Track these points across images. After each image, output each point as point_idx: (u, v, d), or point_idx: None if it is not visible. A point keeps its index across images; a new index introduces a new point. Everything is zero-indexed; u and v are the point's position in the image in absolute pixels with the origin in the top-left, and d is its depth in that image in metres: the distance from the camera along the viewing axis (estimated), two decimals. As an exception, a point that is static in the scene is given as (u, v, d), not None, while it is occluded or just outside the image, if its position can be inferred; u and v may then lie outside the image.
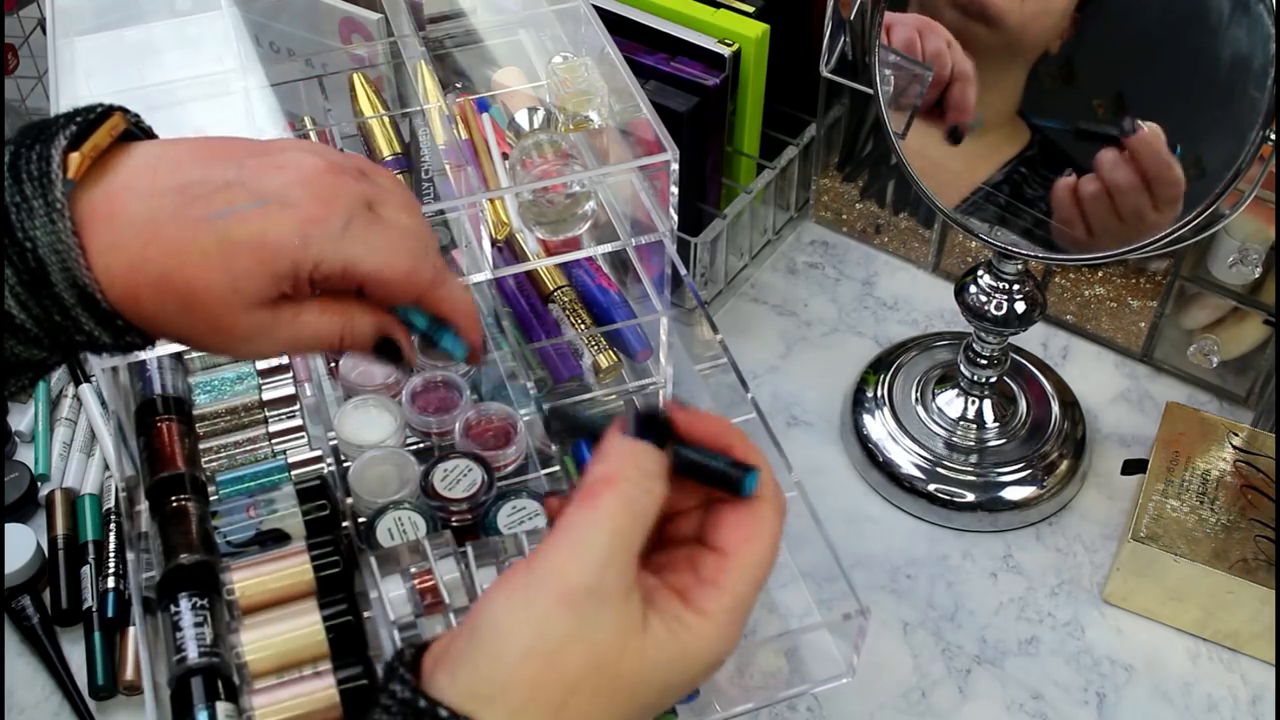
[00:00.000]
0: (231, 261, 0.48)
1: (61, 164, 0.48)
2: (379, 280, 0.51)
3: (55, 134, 0.48)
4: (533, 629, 0.42)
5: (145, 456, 0.71)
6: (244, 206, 0.48)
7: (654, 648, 0.43)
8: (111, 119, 0.50)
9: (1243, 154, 0.70)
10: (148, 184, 0.49)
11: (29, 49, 1.15)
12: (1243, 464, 0.88)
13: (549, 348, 0.82)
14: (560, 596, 0.42)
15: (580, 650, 0.42)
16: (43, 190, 0.47)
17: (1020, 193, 0.81)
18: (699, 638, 0.44)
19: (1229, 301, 0.97)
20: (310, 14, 0.96)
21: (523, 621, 0.42)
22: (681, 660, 0.44)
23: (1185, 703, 0.84)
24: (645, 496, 0.44)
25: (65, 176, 0.48)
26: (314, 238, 0.49)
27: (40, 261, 0.47)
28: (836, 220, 1.15)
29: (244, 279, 0.48)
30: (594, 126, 0.79)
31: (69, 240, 0.47)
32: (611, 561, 0.43)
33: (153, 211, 0.48)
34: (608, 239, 0.77)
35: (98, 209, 0.48)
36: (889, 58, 0.80)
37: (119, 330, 0.50)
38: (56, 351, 0.51)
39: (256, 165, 0.50)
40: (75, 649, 0.85)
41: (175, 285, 0.48)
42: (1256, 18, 0.68)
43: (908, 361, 1.01)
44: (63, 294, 0.48)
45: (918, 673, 0.85)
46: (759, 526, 0.46)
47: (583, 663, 0.42)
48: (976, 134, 0.81)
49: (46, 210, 0.47)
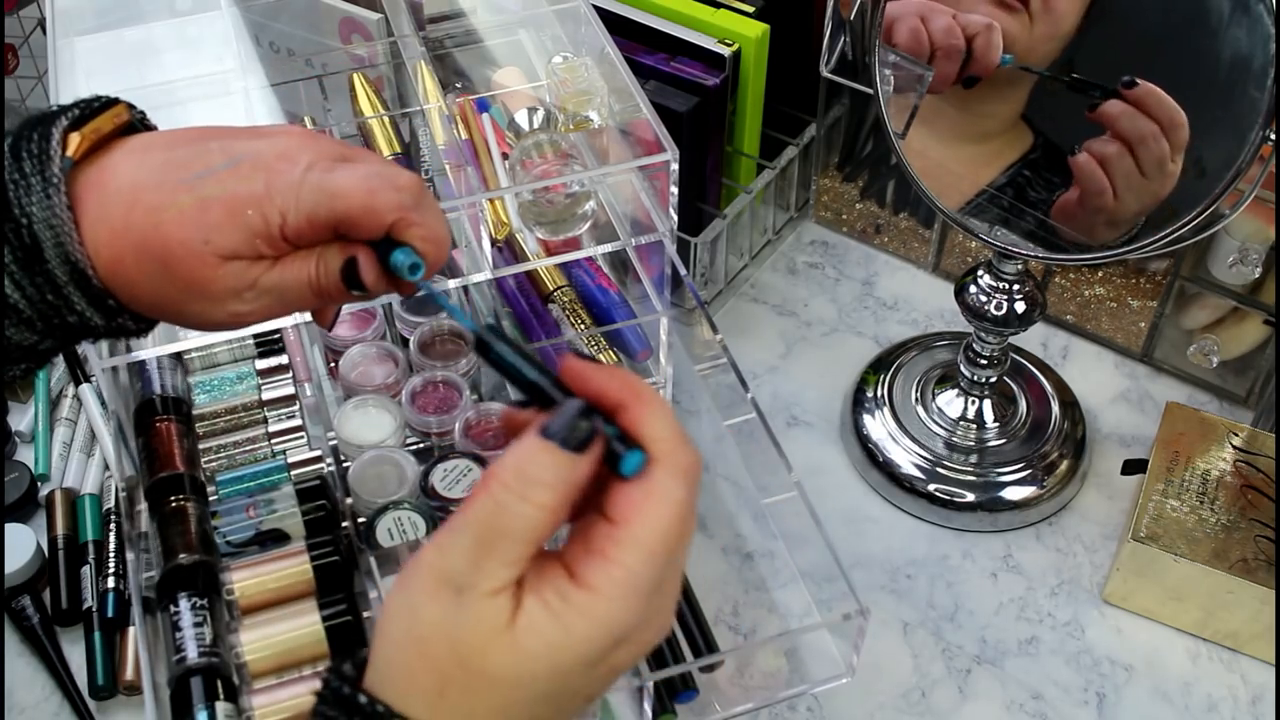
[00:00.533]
0: (204, 216, 0.48)
1: (61, 143, 0.48)
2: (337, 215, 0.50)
3: (58, 116, 0.49)
4: (407, 615, 0.42)
5: (145, 456, 0.71)
6: (219, 166, 0.49)
7: (529, 636, 0.41)
8: (116, 108, 0.51)
9: (1243, 154, 0.70)
10: (138, 159, 0.50)
11: (29, 49, 1.15)
12: (1243, 464, 0.88)
13: (549, 348, 0.82)
14: (428, 587, 0.42)
15: (445, 642, 0.41)
16: (41, 167, 0.48)
17: (1024, 195, 0.81)
18: (584, 615, 0.41)
19: (1229, 301, 0.97)
20: (310, 14, 0.96)
21: (401, 606, 0.42)
22: (566, 642, 0.41)
23: (1185, 703, 0.84)
24: (519, 504, 0.41)
25: (64, 154, 0.48)
26: (276, 186, 0.49)
27: (35, 238, 0.48)
28: (836, 220, 1.15)
29: (215, 232, 0.48)
30: (594, 126, 0.79)
31: (63, 214, 0.48)
32: (476, 562, 0.41)
33: (137, 180, 0.49)
34: (608, 239, 0.77)
35: (90, 185, 0.49)
36: (889, 57, 0.80)
37: (110, 311, 0.50)
38: (49, 336, 0.51)
39: (239, 136, 0.51)
40: (75, 649, 0.85)
41: (153, 246, 0.48)
42: (1256, 18, 0.68)
43: (908, 361, 1.01)
44: (55, 271, 0.48)
45: (918, 673, 0.85)
46: (652, 491, 0.43)
47: (448, 655, 0.41)
48: (980, 139, 0.81)
49: (43, 186, 0.48)
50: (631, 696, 0.68)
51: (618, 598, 0.41)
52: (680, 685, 0.69)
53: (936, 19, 0.77)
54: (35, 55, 1.15)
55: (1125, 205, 0.76)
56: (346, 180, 0.49)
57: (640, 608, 0.42)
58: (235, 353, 0.81)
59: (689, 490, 0.44)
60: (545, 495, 0.41)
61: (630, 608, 0.42)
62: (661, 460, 0.43)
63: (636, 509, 0.42)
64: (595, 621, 0.41)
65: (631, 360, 0.83)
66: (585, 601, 0.41)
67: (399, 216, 0.50)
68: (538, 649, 0.41)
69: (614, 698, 0.71)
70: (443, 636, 0.41)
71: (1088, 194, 0.77)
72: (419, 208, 0.50)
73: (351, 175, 0.49)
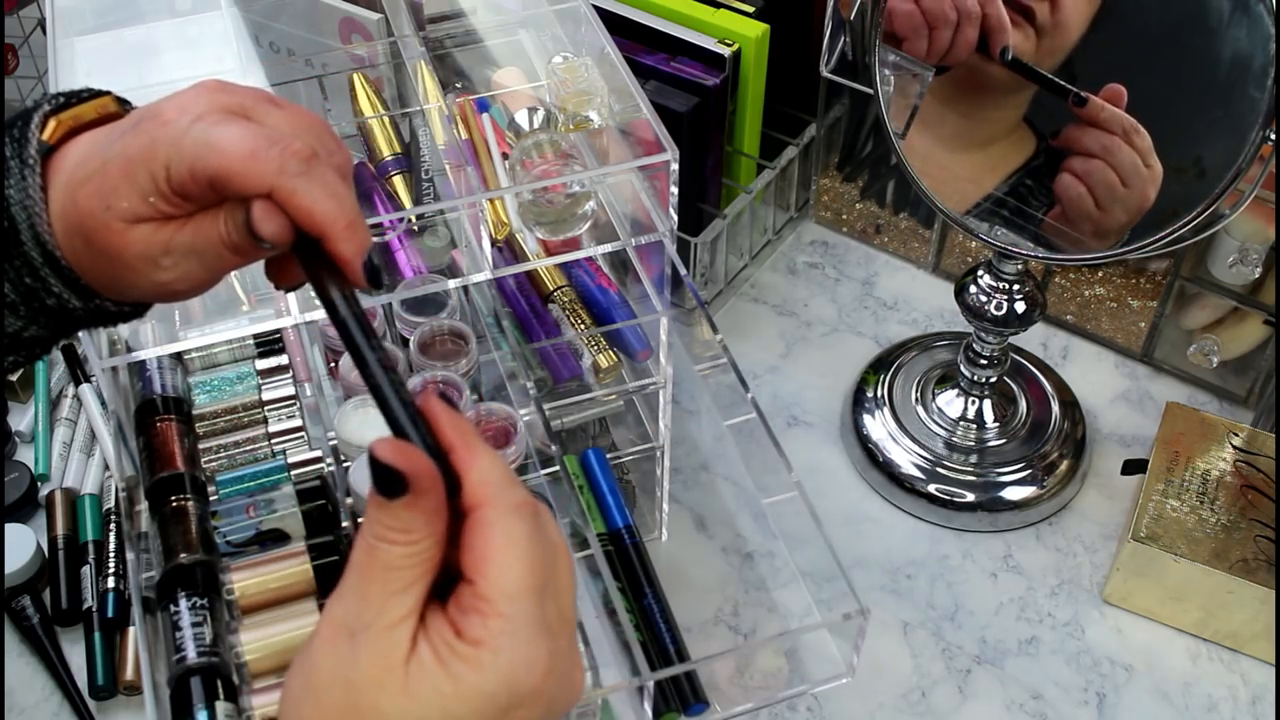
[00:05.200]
0: (103, 182, 0.47)
1: (40, 126, 0.48)
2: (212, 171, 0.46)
3: (42, 103, 0.49)
4: (305, 669, 0.42)
5: (145, 456, 0.71)
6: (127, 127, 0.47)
7: (420, 678, 0.41)
8: (102, 99, 0.51)
9: (1243, 154, 0.70)
10: (90, 138, 0.49)
11: (29, 49, 1.15)
12: (1243, 464, 0.88)
13: (549, 348, 0.82)
14: (325, 634, 0.42)
15: (340, 687, 0.41)
16: (19, 150, 0.48)
17: (1026, 200, 0.81)
18: (471, 666, 0.41)
19: (1229, 301, 0.97)
20: (310, 14, 0.96)
21: (301, 661, 0.43)
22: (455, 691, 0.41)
23: (1185, 703, 0.84)
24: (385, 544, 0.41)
25: (40, 138, 0.48)
26: (160, 140, 0.46)
27: (12, 220, 0.48)
28: (836, 220, 1.15)
29: (112, 195, 0.47)
30: (594, 126, 0.79)
31: (35, 195, 0.48)
32: (364, 598, 0.41)
33: (78, 158, 0.48)
34: (608, 239, 0.77)
35: (53, 168, 0.49)
36: (889, 57, 0.80)
37: (84, 292, 0.50)
38: (33, 321, 0.50)
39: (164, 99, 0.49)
40: (75, 649, 0.85)
41: (73, 220, 0.48)
42: (1256, 18, 0.68)
43: (908, 361, 1.01)
44: (31, 253, 0.48)
45: (918, 673, 0.85)
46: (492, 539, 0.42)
47: (342, 699, 0.41)
48: (982, 144, 0.81)
49: (20, 168, 0.48)
50: (632, 696, 0.68)
51: (502, 647, 0.41)
52: (692, 697, 0.69)
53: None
54: (35, 55, 1.15)
55: (1112, 216, 0.77)
56: (229, 135, 0.45)
57: (528, 653, 0.42)
58: (235, 353, 0.81)
59: (529, 523, 0.43)
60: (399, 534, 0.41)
61: (517, 654, 0.41)
62: (489, 503, 0.42)
63: (484, 560, 0.42)
64: (482, 671, 0.41)
65: (632, 360, 0.83)
66: (470, 653, 0.41)
67: (277, 184, 0.45)
68: (428, 694, 0.41)
69: (614, 698, 0.71)
70: (339, 681, 0.41)
71: (1071, 211, 0.78)
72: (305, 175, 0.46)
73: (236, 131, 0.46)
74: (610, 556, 0.74)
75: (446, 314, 0.83)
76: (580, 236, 0.76)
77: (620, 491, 0.78)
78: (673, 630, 0.72)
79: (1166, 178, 0.75)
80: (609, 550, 0.74)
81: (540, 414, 0.74)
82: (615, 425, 0.87)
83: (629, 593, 0.73)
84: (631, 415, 0.86)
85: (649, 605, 0.72)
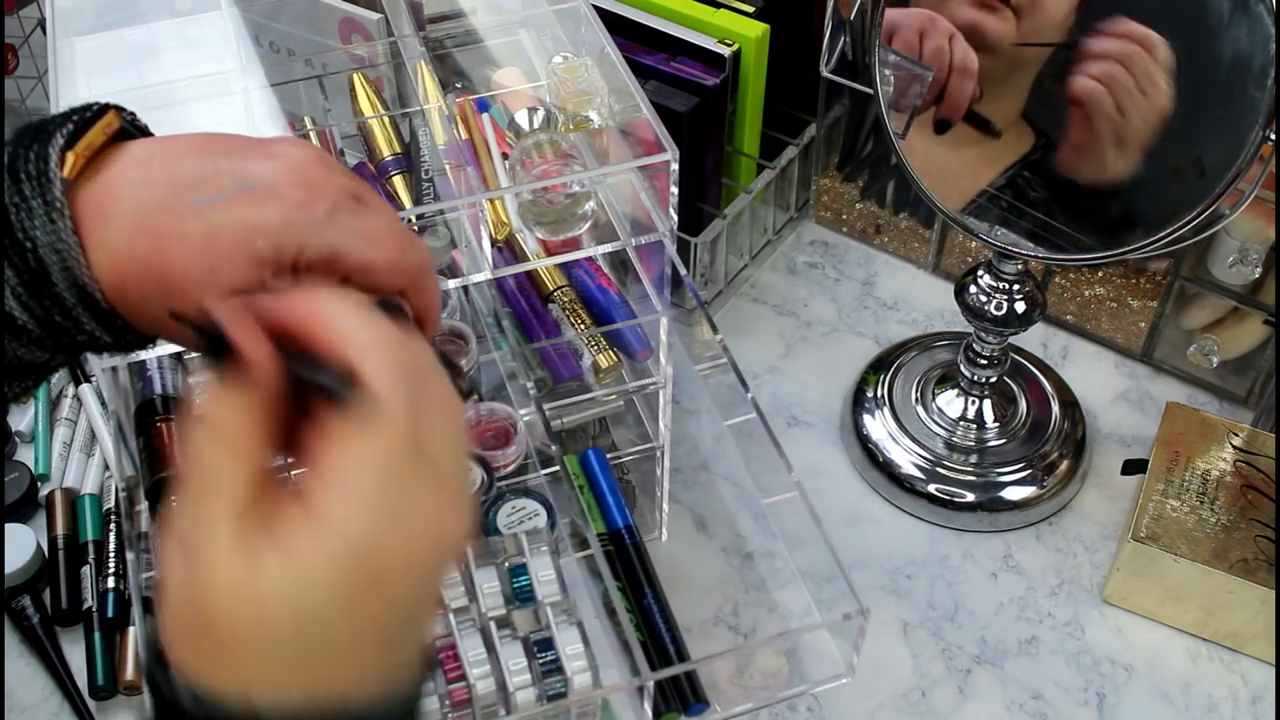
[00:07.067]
0: (213, 245, 0.47)
1: (59, 163, 0.48)
2: (366, 267, 0.49)
3: (52, 133, 0.48)
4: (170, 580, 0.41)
5: (145, 456, 0.71)
6: (230, 192, 0.48)
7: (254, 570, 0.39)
8: (105, 117, 0.50)
9: (1243, 154, 0.70)
10: (141, 176, 0.49)
11: (29, 49, 1.15)
12: (1243, 464, 0.88)
13: (549, 348, 0.82)
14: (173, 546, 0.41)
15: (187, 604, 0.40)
16: (41, 190, 0.47)
17: (1024, 196, 0.81)
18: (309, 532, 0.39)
19: (1229, 301, 0.97)
20: (310, 14, 0.96)
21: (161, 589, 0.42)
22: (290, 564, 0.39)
23: (1185, 703, 0.84)
24: (207, 461, 0.41)
25: (61, 175, 0.47)
26: (298, 222, 0.48)
27: (41, 262, 0.47)
28: (836, 220, 1.15)
29: (222, 262, 0.47)
30: (594, 126, 0.79)
31: (69, 239, 0.47)
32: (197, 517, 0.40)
33: (142, 202, 0.48)
34: (608, 239, 0.77)
35: (91, 205, 0.48)
36: (889, 58, 0.80)
37: (119, 330, 0.50)
38: (59, 353, 0.50)
39: (247, 155, 0.50)
40: (75, 649, 0.85)
41: (155, 271, 0.47)
42: (1256, 18, 0.68)
43: (908, 361, 1.01)
44: (64, 294, 0.48)
45: (918, 673, 0.85)
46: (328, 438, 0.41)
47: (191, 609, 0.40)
48: (981, 139, 0.81)
49: (46, 210, 0.47)
50: (632, 696, 0.68)
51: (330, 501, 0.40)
52: (692, 697, 0.69)
53: (933, 38, 0.78)
54: (35, 55, 1.15)
55: (1131, 123, 0.75)
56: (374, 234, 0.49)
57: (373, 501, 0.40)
58: (235, 353, 0.81)
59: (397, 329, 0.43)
60: (223, 442, 0.41)
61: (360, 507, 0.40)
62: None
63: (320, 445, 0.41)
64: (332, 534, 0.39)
65: (632, 360, 0.83)
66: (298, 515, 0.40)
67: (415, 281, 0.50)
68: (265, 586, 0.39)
69: (614, 698, 0.71)
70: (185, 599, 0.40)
71: (1096, 113, 0.76)
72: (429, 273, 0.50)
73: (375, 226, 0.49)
74: (610, 556, 0.74)
75: (447, 314, 0.83)
76: (580, 236, 0.76)
77: (620, 491, 0.78)
78: (673, 630, 0.72)
79: (1167, 178, 0.75)
80: (609, 550, 0.74)
81: (540, 414, 0.74)
82: (615, 425, 0.87)
83: (629, 593, 0.73)
84: (631, 415, 0.86)
85: (649, 605, 0.72)
